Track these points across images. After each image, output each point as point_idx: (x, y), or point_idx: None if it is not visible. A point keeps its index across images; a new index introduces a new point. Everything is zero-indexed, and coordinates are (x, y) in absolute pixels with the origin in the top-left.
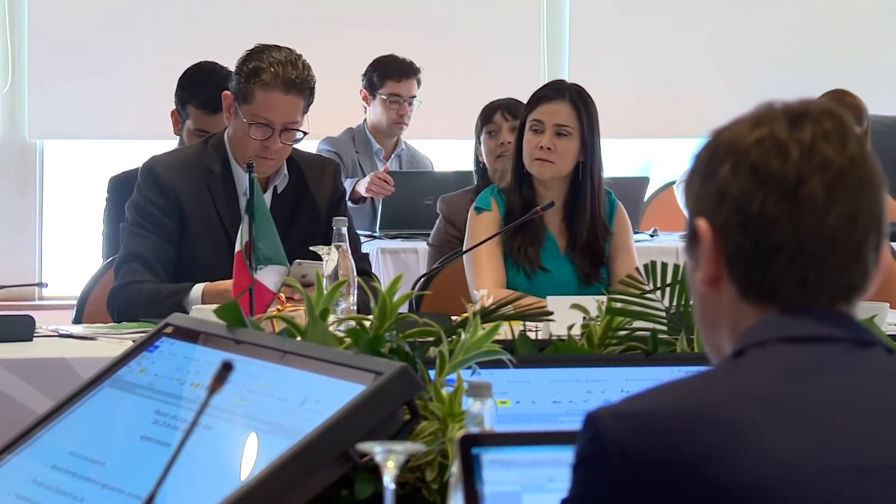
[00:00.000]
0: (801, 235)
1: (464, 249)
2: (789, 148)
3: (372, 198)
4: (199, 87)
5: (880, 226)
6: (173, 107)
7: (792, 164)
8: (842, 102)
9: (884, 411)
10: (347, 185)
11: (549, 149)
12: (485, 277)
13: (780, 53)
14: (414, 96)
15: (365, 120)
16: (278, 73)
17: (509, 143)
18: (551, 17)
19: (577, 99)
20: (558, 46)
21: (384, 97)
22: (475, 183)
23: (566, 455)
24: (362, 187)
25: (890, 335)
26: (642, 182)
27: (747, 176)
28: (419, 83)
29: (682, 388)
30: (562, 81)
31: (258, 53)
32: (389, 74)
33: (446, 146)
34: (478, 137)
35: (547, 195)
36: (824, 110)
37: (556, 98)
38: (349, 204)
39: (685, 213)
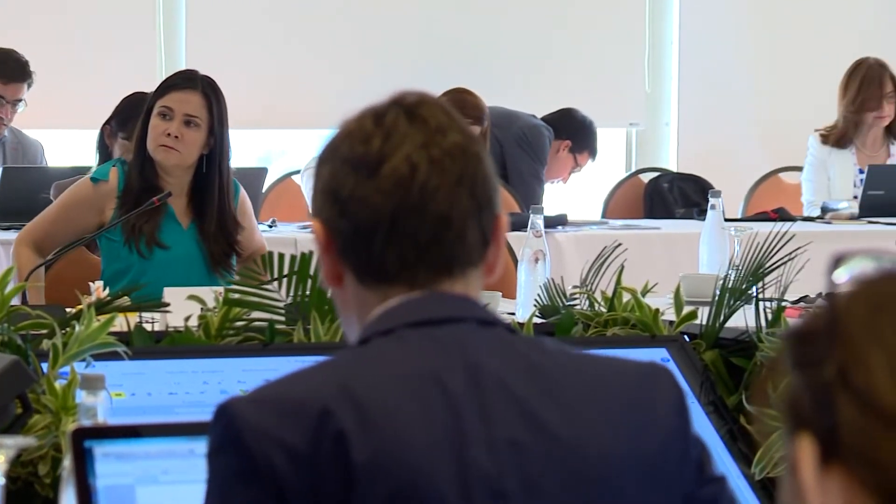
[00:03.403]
0: (392, 211)
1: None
2: (374, 134)
3: None
4: None
5: (479, 196)
6: None
7: (376, 147)
8: (462, 102)
9: (512, 388)
10: None
11: (176, 137)
12: (26, 232)
13: (398, 51)
14: (19, 100)
15: None
16: None
17: None
18: (167, 11)
19: (208, 90)
20: (174, 40)
21: None
22: (96, 164)
23: (181, 447)
24: None
25: None
26: (261, 173)
27: (340, 167)
28: (30, 85)
29: (319, 374)
30: (194, 72)
31: None
32: None
33: (63, 136)
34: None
35: (170, 180)
36: (419, 97)
37: (187, 87)
38: None
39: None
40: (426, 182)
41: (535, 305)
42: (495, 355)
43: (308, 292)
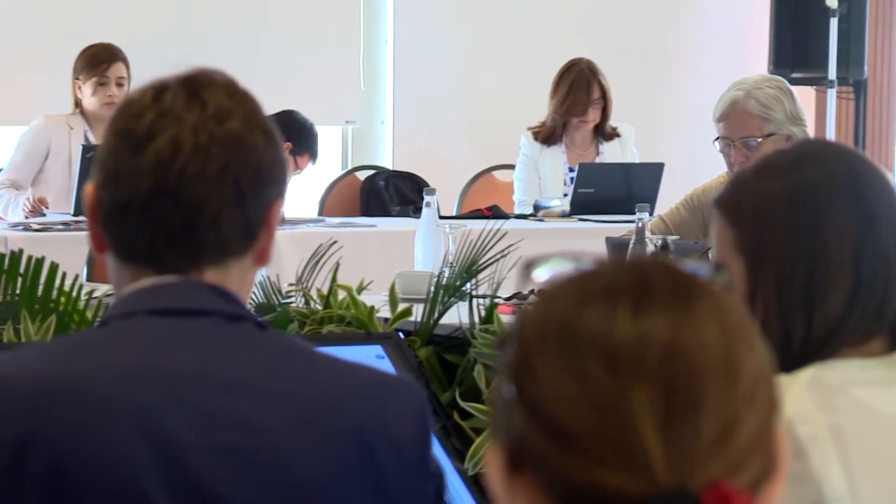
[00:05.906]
0: (148, 192)
1: None
2: (149, 109)
3: None
4: None
5: (244, 186)
6: None
7: (146, 124)
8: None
9: (242, 390)
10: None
11: None
12: None
13: (139, 36)
14: None
15: None
16: None
17: None
18: None
19: None
20: None
21: None
22: None
23: None
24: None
25: None
26: None
27: (111, 138)
28: None
29: (40, 356)
30: None
31: None
32: None
33: None
34: None
35: None
36: (209, 78)
37: None
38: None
39: None
40: (186, 167)
41: (250, 303)
42: (235, 353)
43: (18, 291)
